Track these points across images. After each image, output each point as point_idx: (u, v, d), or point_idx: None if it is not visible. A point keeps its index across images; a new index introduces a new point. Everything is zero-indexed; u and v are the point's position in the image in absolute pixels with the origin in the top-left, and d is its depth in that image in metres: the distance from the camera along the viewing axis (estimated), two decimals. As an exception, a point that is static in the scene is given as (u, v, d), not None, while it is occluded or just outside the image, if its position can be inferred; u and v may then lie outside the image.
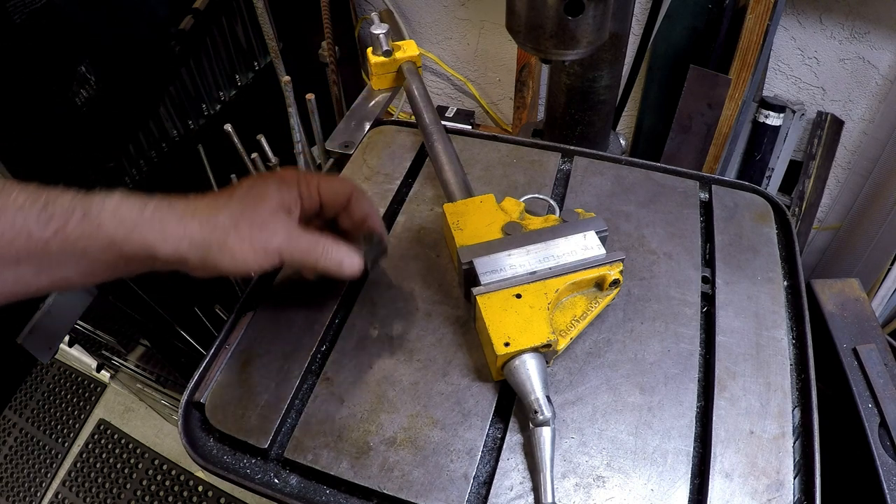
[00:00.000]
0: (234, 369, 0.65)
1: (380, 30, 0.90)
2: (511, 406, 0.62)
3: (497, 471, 0.58)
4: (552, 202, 0.78)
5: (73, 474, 1.96)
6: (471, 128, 1.65)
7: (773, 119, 1.39)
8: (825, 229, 1.55)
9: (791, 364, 0.66)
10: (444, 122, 0.85)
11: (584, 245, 0.67)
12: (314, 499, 0.58)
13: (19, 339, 0.99)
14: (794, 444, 0.60)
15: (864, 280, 1.27)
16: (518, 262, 0.66)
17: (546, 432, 0.56)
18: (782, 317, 0.69)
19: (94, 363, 1.88)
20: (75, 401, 2.14)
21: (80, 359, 2.15)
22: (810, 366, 0.65)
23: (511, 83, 1.59)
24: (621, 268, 0.66)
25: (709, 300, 0.72)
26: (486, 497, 0.56)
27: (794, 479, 0.57)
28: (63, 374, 2.21)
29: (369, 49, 0.93)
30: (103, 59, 1.08)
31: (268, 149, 1.15)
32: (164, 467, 1.94)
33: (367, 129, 0.92)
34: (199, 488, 1.89)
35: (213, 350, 0.68)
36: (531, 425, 0.57)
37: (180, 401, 0.64)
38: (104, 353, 1.63)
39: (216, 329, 0.68)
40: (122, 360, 1.64)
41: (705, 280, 0.73)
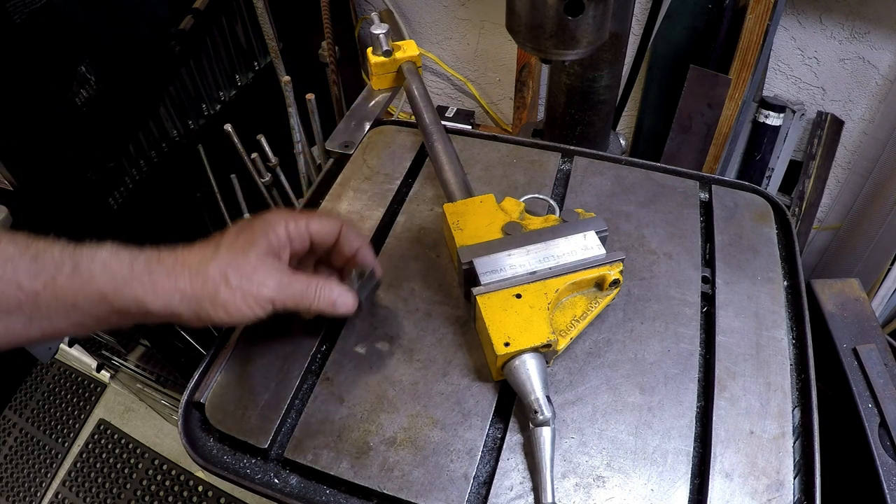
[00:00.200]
0: (234, 369, 0.65)
1: (380, 30, 0.90)
2: (511, 406, 0.62)
3: (497, 471, 0.58)
4: (552, 202, 0.78)
5: (73, 474, 1.96)
6: (471, 128, 1.65)
7: (773, 119, 1.39)
8: (825, 229, 1.55)
9: (791, 364, 0.66)
10: (444, 122, 0.85)
11: (584, 245, 0.67)
12: (314, 499, 0.58)
13: (19, 339, 0.99)
14: (794, 444, 0.60)
15: (864, 280, 1.27)
16: (518, 262, 0.66)
17: (546, 432, 0.56)
18: (782, 317, 0.69)
19: (94, 363, 1.88)
20: (75, 401, 2.14)
21: (80, 359, 2.15)
22: (810, 366, 0.65)
23: (511, 83, 1.59)
24: (621, 268, 0.66)
25: (709, 300, 0.72)
26: (486, 497, 0.56)
27: (794, 479, 0.57)
28: (63, 374, 2.21)
29: (369, 49, 0.93)
30: (103, 59, 1.08)
31: (268, 149, 1.15)
32: (164, 467, 1.94)
33: (367, 129, 0.92)
34: (199, 488, 1.89)
35: (213, 350, 0.68)
36: (531, 425, 0.57)
37: (180, 401, 0.64)
38: (104, 353, 1.63)
39: (216, 329, 0.68)
40: (122, 360, 1.64)
41: (705, 280, 0.73)
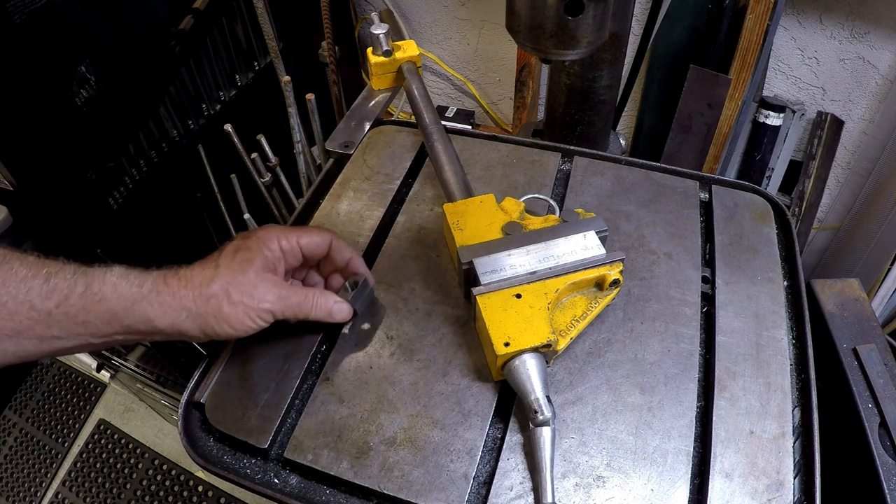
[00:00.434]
0: (233, 369, 0.66)
1: (380, 30, 0.90)
2: (511, 406, 0.62)
3: (497, 471, 0.58)
4: (552, 202, 0.78)
5: (73, 474, 1.96)
6: (471, 128, 1.65)
7: (773, 119, 1.39)
8: (825, 229, 1.55)
9: (791, 364, 0.66)
10: (444, 122, 0.85)
11: (584, 245, 0.67)
12: (314, 499, 0.58)
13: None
14: (794, 444, 0.60)
15: (864, 280, 1.27)
16: (518, 262, 0.66)
17: (546, 432, 0.56)
18: (782, 317, 0.69)
19: (94, 363, 1.88)
20: (75, 401, 2.14)
21: (80, 359, 2.15)
22: (810, 366, 0.65)
23: (511, 83, 1.59)
24: (621, 268, 0.66)
25: (709, 300, 0.72)
26: (486, 497, 0.56)
27: (794, 479, 0.57)
28: (63, 374, 2.21)
29: (369, 49, 0.93)
30: (103, 59, 1.08)
31: (268, 149, 1.15)
32: (164, 467, 1.94)
33: (367, 129, 0.92)
34: (199, 488, 1.89)
35: (212, 350, 0.68)
36: (531, 425, 0.57)
37: (180, 401, 0.64)
38: (104, 352, 1.63)
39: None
40: (122, 360, 1.64)
41: (705, 280, 0.73)
